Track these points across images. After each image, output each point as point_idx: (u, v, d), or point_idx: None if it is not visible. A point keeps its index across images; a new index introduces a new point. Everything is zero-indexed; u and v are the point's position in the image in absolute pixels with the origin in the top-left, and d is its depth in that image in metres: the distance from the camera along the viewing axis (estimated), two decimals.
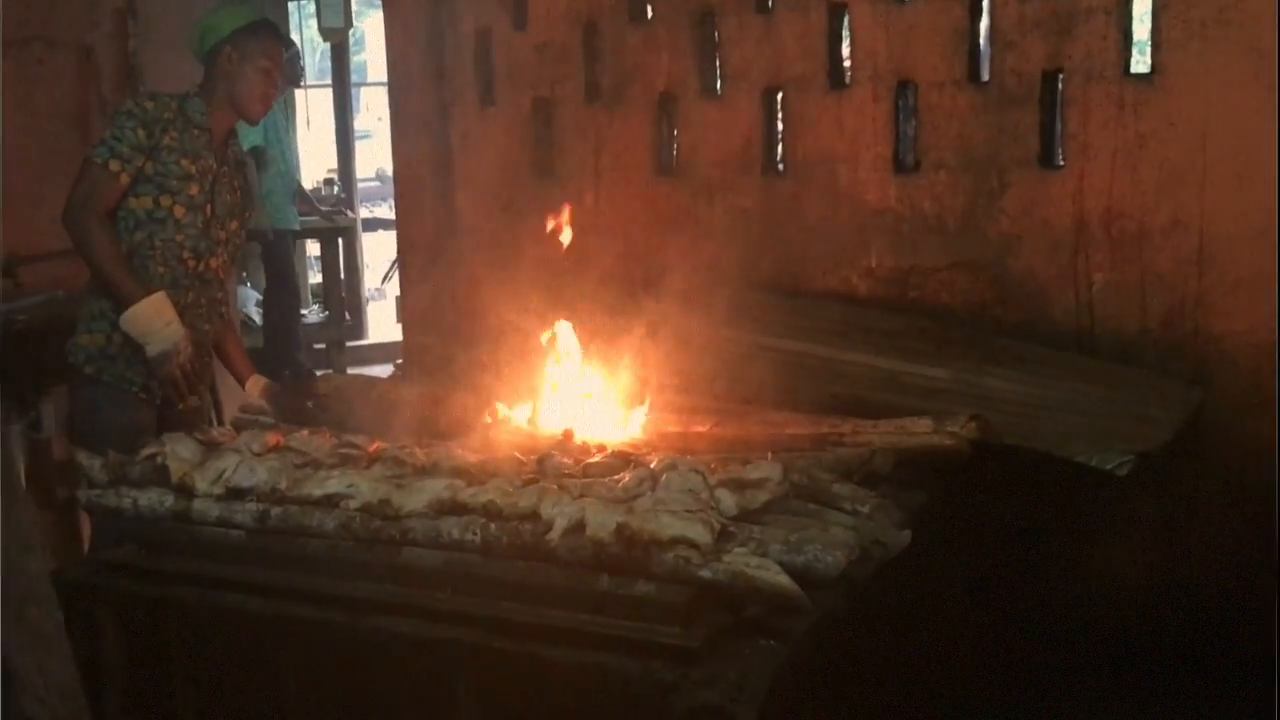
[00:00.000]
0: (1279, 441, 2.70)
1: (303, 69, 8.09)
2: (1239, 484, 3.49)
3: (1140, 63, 3.66)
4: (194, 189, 3.40)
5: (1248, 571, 3.45)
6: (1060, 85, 3.64)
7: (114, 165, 3.28)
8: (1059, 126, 3.67)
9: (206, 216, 3.44)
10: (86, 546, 3.61)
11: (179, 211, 3.37)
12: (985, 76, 3.77)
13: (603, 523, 2.25)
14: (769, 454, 2.67)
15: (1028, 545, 3.51)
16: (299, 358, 7.66)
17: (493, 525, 2.37)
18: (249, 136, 7.56)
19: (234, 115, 3.49)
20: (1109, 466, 2.94)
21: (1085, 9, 3.55)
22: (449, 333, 4.55)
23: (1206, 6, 3.42)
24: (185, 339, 3.33)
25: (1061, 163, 3.67)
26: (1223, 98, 3.43)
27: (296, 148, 7.90)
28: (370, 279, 9.62)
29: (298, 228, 7.81)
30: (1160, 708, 3.36)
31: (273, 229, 7.34)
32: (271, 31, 3.54)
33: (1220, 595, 3.47)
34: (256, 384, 3.57)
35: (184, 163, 3.37)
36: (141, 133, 3.31)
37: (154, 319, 3.28)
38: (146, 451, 2.79)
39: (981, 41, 3.83)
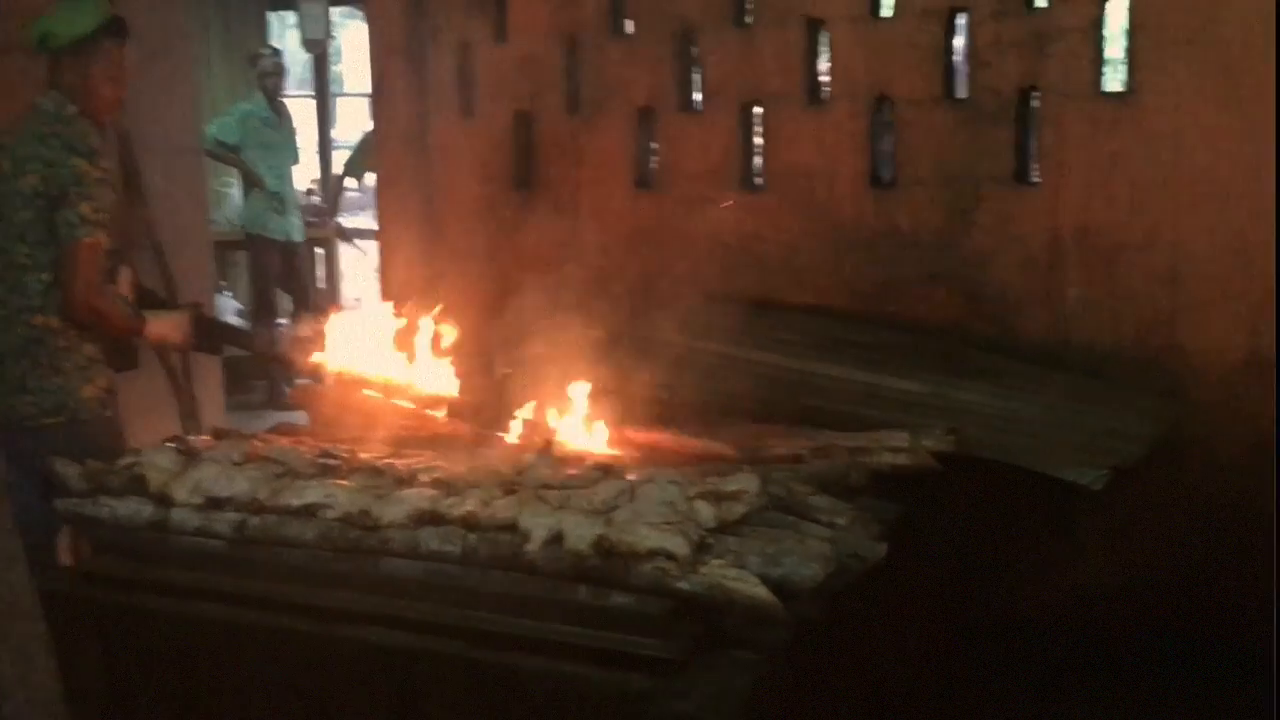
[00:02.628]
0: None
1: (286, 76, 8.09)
2: (1212, 497, 3.53)
3: (1114, 81, 3.71)
4: None
5: (1220, 581, 3.50)
6: (1035, 103, 3.68)
7: (100, 235, 3.20)
8: (1034, 144, 3.72)
9: None
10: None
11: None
12: (961, 94, 3.81)
13: (581, 534, 2.26)
14: (746, 466, 2.70)
15: (1004, 556, 3.54)
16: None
17: (472, 536, 2.38)
18: (223, 132, 7.58)
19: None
20: (1085, 481, 2.97)
21: (1060, 28, 3.60)
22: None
23: (1179, 27, 3.47)
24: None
25: (1036, 179, 3.72)
26: (1195, 117, 3.48)
27: (290, 158, 7.91)
28: (349, 289, 9.61)
29: (300, 239, 7.83)
30: (1132, 715, 3.40)
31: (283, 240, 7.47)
32: (116, 31, 3.35)
33: (1195, 604, 3.52)
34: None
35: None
36: (112, 195, 3.27)
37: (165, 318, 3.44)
38: (124, 461, 2.78)
39: (958, 59, 3.87)
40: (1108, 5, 3.56)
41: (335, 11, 9.09)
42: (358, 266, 9.62)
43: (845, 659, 2.53)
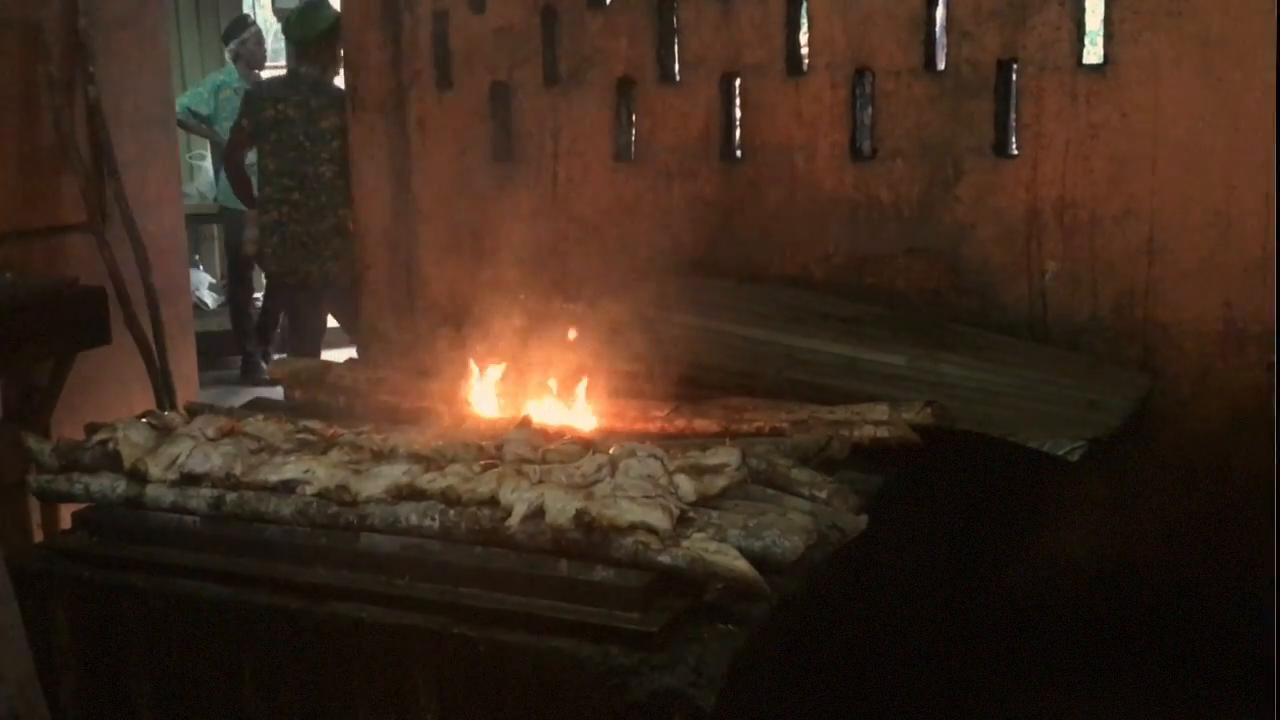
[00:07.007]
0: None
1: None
2: (1187, 469, 3.56)
3: (1093, 54, 3.71)
4: None
5: (1195, 553, 3.53)
6: (1015, 75, 3.67)
7: None
8: (1013, 116, 3.71)
9: None
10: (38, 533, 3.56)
11: None
12: (941, 66, 3.80)
13: (562, 508, 2.25)
14: (727, 439, 2.69)
15: (984, 527, 3.56)
16: (246, 344, 7.58)
17: (451, 511, 2.36)
18: (196, 102, 7.49)
19: None
20: (1061, 453, 2.98)
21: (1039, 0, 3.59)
22: (405, 317, 4.53)
23: None
24: None
25: (1015, 152, 3.72)
26: (1173, 89, 3.48)
27: None
28: None
29: None
30: (1108, 683, 3.43)
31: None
32: None
33: (1170, 576, 3.55)
34: None
35: None
36: None
37: None
38: (98, 437, 2.75)
39: (938, 31, 3.86)
40: None
41: None
42: None
43: (826, 632, 2.54)
